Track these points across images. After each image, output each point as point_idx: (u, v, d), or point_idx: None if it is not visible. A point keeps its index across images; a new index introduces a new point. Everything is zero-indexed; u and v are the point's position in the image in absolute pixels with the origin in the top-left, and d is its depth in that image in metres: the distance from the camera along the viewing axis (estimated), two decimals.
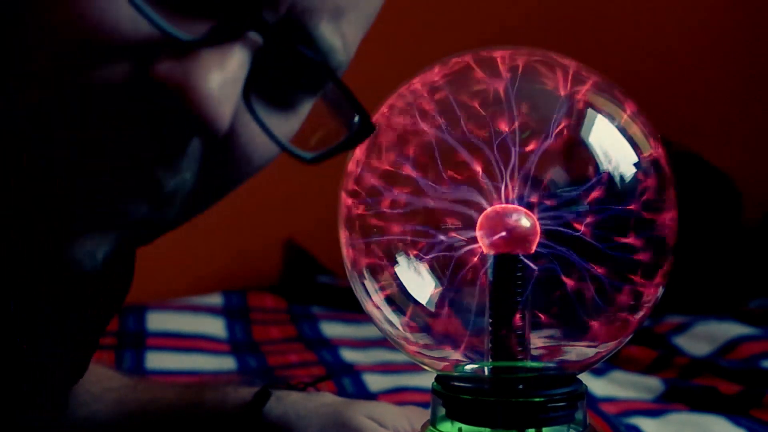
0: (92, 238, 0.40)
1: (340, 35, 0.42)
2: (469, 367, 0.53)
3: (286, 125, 0.43)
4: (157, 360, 1.21)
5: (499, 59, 0.52)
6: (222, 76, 0.37)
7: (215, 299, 1.47)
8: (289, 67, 0.42)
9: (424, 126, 0.51)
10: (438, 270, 0.51)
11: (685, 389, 1.10)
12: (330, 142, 0.43)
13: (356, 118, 0.42)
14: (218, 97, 0.37)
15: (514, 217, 0.49)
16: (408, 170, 0.51)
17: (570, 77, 0.52)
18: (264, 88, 0.41)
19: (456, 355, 0.52)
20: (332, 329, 1.40)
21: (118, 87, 0.37)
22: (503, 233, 0.49)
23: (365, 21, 0.44)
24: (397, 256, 0.51)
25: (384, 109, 0.53)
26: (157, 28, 0.37)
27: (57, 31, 0.37)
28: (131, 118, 0.38)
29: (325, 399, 0.74)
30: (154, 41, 0.37)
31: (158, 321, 1.35)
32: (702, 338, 1.31)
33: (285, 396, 0.73)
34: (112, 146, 0.38)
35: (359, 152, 0.53)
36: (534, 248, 0.49)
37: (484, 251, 0.50)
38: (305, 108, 0.44)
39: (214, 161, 0.41)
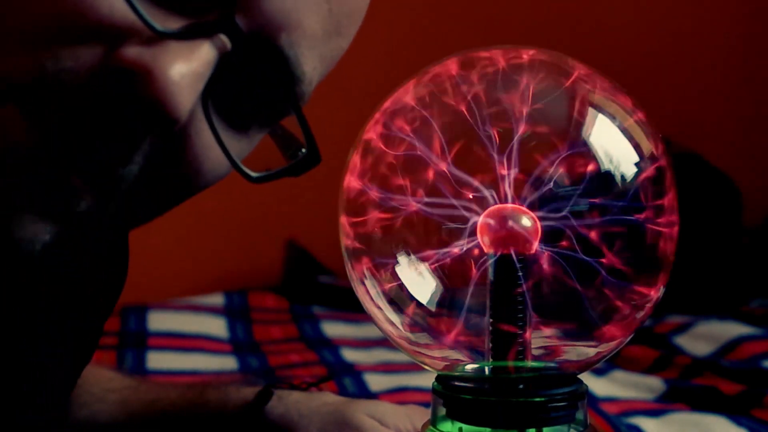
0: (34, 224, 0.39)
1: (312, 66, 0.43)
2: (469, 367, 0.53)
3: (237, 146, 0.43)
4: (158, 360, 1.22)
5: (500, 59, 0.52)
6: (186, 67, 0.38)
7: (217, 299, 1.47)
8: (251, 82, 0.42)
9: (425, 125, 0.51)
10: (439, 270, 0.51)
11: (686, 389, 1.10)
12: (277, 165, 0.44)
13: (304, 148, 0.44)
14: (178, 85, 0.38)
15: (515, 217, 0.49)
16: (409, 169, 0.51)
17: (572, 77, 0.52)
18: (224, 100, 0.42)
19: (456, 355, 0.52)
20: (333, 329, 1.40)
21: (86, 68, 0.38)
22: (504, 233, 0.49)
23: (329, 65, 0.45)
24: (397, 255, 0.51)
25: (385, 108, 0.53)
26: (137, 15, 0.38)
27: (34, 6, 0.38)
28: (93, 102, 0.38)
29: (327, 398, 0.74)
30: (126, 28, 0.38)
31: (160, 321, 1.35)
32: (703, 338, 1.31)
33: (286, 395, 0.73)
34: (71, 128, 0.38)
35: (360, 153, 0.53)
36: (535, 248, 0.49)
37: (485, 251, 0.50)
38: (257, 135, 0.45)
39: (163, 162, 0.41)
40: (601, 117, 0.51)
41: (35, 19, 0.37)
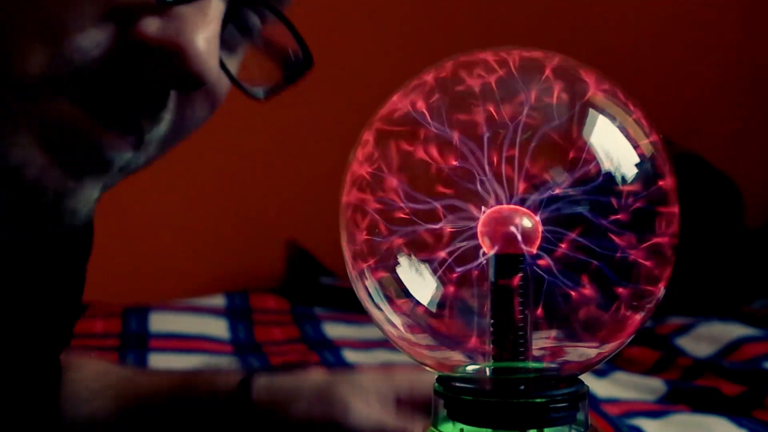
0: (89, 185, 0.43)
1: None
2: (470, 367, 0.53)
3: (233, 66, 0.46)
4: (159, 361, 1.22)
5: (500, 59, 0.52)
6: (208, 32, 0.41)
7: (218, 300, 1.47)
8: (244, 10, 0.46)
9: (425, 126, 0.51)
10: (439, 270, 0.51)
11: (688, 390, 1.10)
12: (271, 81, 0.48)
13: (296, 55, 0.47)
14: (208, 54, 0.40)
15: (516, 217, 0.49)
16: (410, 170, 0.51)
17: (573, 77, 0.52)
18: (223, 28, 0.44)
19: (457, 356, 0.52)
20: (334, 330, 1.40)
21: (104, 47, 0.40)
22: (505, 234, 0.49)
23: None
24: (398, 256, 0.51)
25: (383, 111, 0.53)
26: None
27: None
28: (117, 78, 0.41)
29: (310, 377, 0.74)
30: (133, 3, 0.40)
31: (161, 322, 1.35)
32: (704, 339, 1.31)
33: (272, 382, 0.73)
34: (103, 103, 0.41)
35: (360, 152, 0.53)
36: (536, 249, 0.49)
37: (486, 252, 0.50)
38: (242, 51, 0.48)
39: (185, 107, 0.45)
40: (602, 117, 0.51)
41: (45, 7, 0.39)
